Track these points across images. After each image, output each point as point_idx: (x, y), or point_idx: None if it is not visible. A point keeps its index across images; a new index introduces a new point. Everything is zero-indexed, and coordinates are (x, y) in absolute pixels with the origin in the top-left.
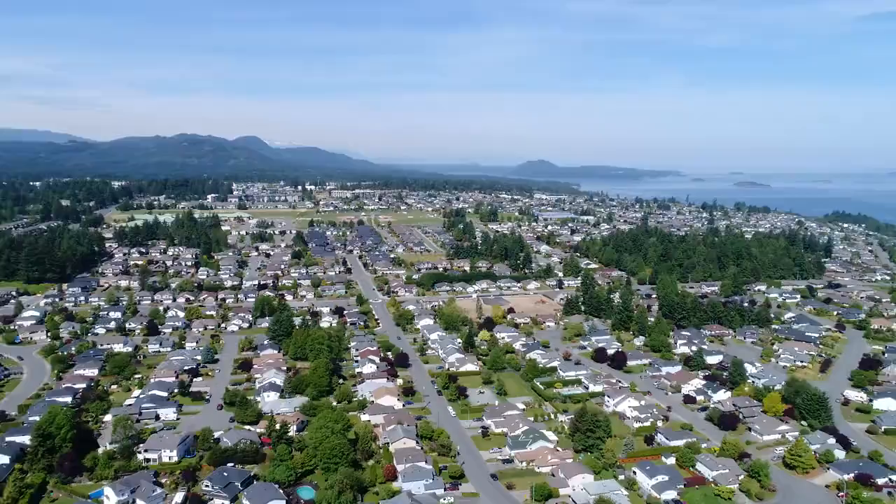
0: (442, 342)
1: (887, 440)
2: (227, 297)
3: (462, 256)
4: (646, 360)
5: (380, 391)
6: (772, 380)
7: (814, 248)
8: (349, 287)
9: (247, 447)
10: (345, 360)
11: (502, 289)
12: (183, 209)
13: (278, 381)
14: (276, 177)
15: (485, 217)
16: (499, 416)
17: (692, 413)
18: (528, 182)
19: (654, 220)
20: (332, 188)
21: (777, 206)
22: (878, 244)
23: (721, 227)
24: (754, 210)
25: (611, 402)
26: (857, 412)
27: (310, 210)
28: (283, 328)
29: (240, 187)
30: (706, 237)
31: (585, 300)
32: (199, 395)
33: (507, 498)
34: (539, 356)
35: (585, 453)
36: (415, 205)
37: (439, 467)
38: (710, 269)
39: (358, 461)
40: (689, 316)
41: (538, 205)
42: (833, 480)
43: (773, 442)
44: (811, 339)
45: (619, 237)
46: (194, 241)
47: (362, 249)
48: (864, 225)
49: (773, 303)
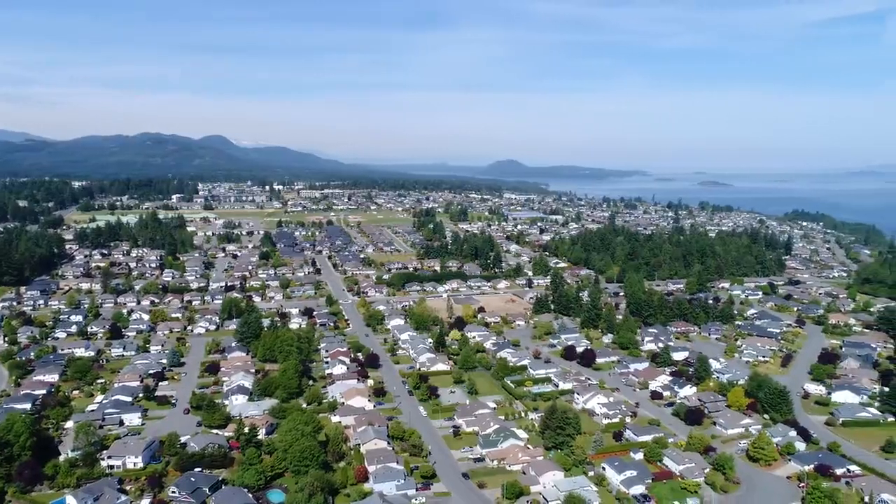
0: (413, 342)
1: (845, 432)
2: (194, 299)
3: (432, 256)
4: (614, 357)
5: (350, 392)
6: (735, 375)
7: (775, 245)
8: (318, 288)
9: (215, 451)
10: (314, 361)
11: (473, 288)
12: (147, 210)
13: (247, 383)
14: (244, 177)
15: (455, 217)
16: (470, 416)
17: (659, 409)
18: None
19: (621, 219)
20: (301, 188)
21: (739, 206)
22: (836, 242)
23: (686, 226)
24: (718, 209)
25: (580, 399)
26: (816, 405)
27: (278, 210)
28: (251, 330)
29: (206, 187)
30: (672, 236)
31: (555, 299)
32: (165, 400)
33: (479, 497)
34: (509, 355)
35: (556, 450)
36: (384, 205)
37: (411, 467)
38: (675, 267)
39: (329, 463)
40: (655, 313)
41: (508, 204)
42: (794, 472)
43: (737, 435)
44: (773, 334)
45: (588, 236)
46: (159, 243)
47: (332, 250)
48: (821, 223)
49: (737, 299)
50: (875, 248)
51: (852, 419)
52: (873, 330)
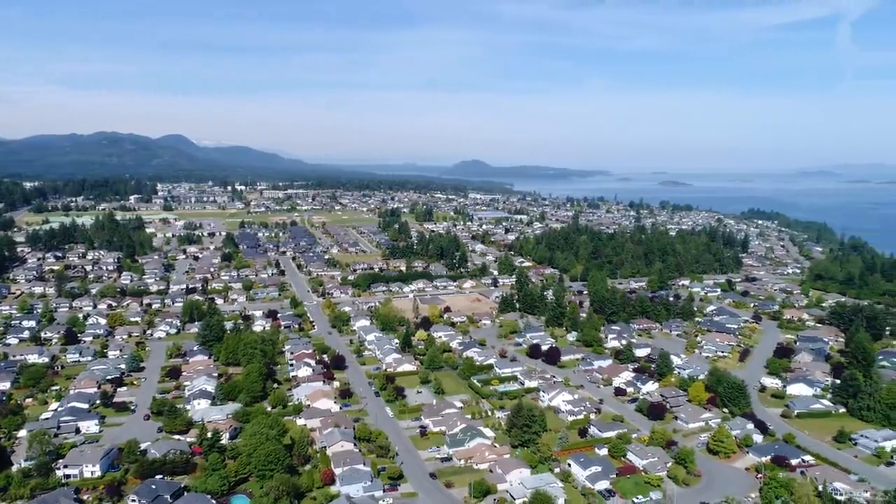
0: (379, 343)
1: (799, 423)
2: (153, 302)
3: (398, 256)
4: (578, 354)
5: (316, 394)
6: (696, 370)
7: (732, 243)
8: (283, 289)
9: (176, 457)
10: (279, 363)
11: (438, 288)
12: (103, 211)
13: (209, 387)
14: (205, 177)
15: (420, 217)
16: (437, 415)
17: (623, 405)
18: (463, 182)
19: (584, 218)
20: (264, 188)
21: (699, 205)
22: (790, 239)
23: (647, 225)
24: (678, 208)
25: (546, 397)
26: (772, 398)
27: (240, 211)
28: (213, 333)
29: (165, 188)
30: (634, 235)
31: (520, 298)
32: (124, 406)
33: (446, 496)
34: (476, 354)
35: (522, 448)
36: (349, 205)
37: (378, 469)
38: (637, 265)
39: (294, 466)
40: (618, 311)
41: (473, 204)
42: (752, 463)
43: (697, 429)
44: (731, 330)
45: (552, 235)
46: (116, 245)
47: (296, 251)
48: (776, 221)
49: (696, 296)
50: (826, 245)
51: (806, 411)
52: (825, 324)
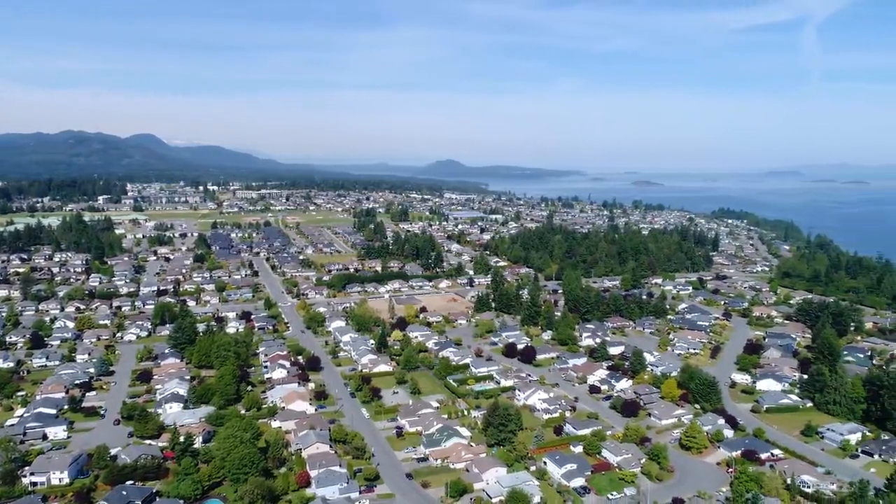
0: (354, 344)
1: (769, 418)
2: (123, 305)
3: (373, 257)
4: (554, 353)
5: (291, 396)
6: (668, 367)
7: (703, 242)
8: (256, 291)
9: (147, 462)
10: (253, 366)
11: (414, 288)
12: (71, 211)
13: (181, 391)
14: (176, 177)
15: (395, 217)
16: (413, 416)
17: (597, 402)
18: (438, 182)
19: (558, 218)
20: (237, 188)
21: (670, 204)
22: (759, 238)
23: (620, 225)
24: (650, 208)
25: (521, 395)
26: (742, 393)
27: (212, 211)
28: (185, 335)
29: (135, 188)
30: (607, 234)
31: (496, 297)
32: (94, 411)
33: (423, 496)
34: (452, 354)
35: (498, 447)
36: (324, 205)
37: (354, 470)
38: (611, 264)
39: (269, 470)
40: (592, 309)
41: (448, 204)
42: (723, 458)
43: (670, 425)
44: (702, 327)
45: (527, 235)
46: (84, 246)
47: (270, 251)
48: (745, 221)
49: (669, 295)
50: (794, 243)
51: (775, 406)
52: (793, 321)
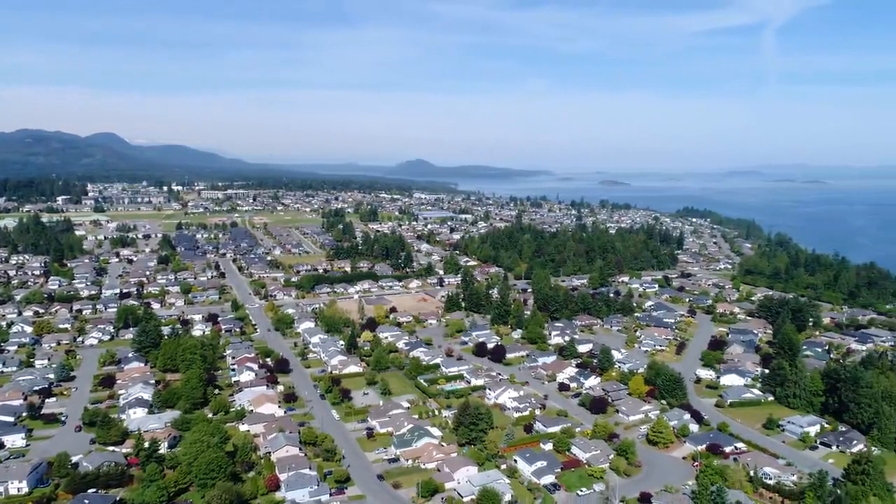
0: (324, 345)
1: (732, 412)
2: (84, 308)
3: (342, 257)
4: (523, 351)
5: (259, 399)
6: (636, 364)
7: (668, 241)
8: (223, 292)
9: (111, 470)
10: (220, 369)
11: (384, 288)
12: (28, 213)
13: (146, 395)
14: (139, 177)
15: (365, 217)
16: (384, 416)
17: (566, 400)
18: (408, 182)
19: (527, 217)
20: (202, 188)
21: (636, 204)
22: (721, 236)
23: (588, 224)
24: (617, 207)
25: (492, 394)
26: (707, 388)
27: (177, 212)
28: (149, 339)
29: (96, 188)
30: (575, 233)
31: (466, 297)
32: (54, 418)
33: (394, 497)
34: (422, 354)
35: (469, 446)
36: (292, 205)
37: (324, 473)
38: (579, 262)
39: (237, 474)
40: (561, 308)
41: (418, 204)
42: (689, 452)
43: (638, 421)
44: (668, 324)
45: (496, 235)
46: (43, 248)
47: (236, 252)
48: (709, 219)
49: (635, 292)
50: (755, 241)
51: (738, 400)
52: (755, 317)
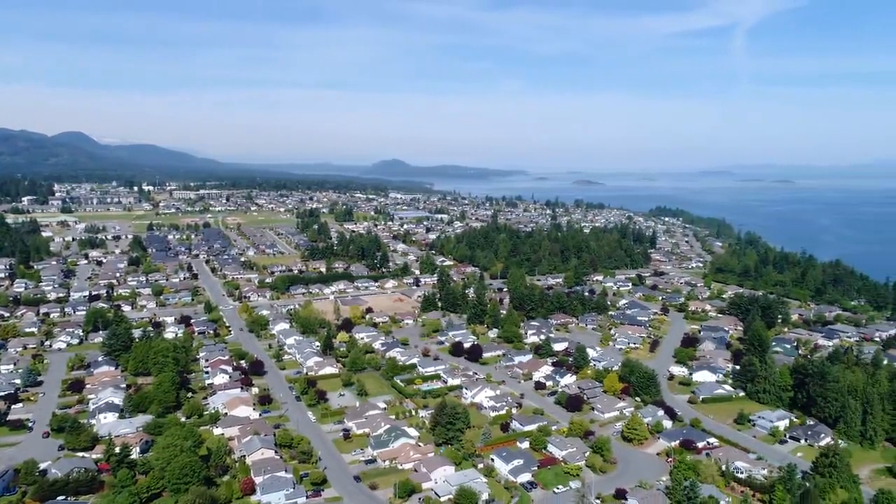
0: (299, 346)
1: (704, 408)
2: (52, 312)
3: (318, 257)
4: (500, 351)
5: (233, 402)
6: (610, 362)
7: (641, 240)
8: (196, 294)
9: (80, 476)
10: (193, 371)
11: (360, 289)
12: None
13: (117, 399)
14: (108, 177)
15: (340, 217)
16: (360, 418)
17: (543, 398)
18: (383, 181)
19: (503, 217)
20: (174, 189)
21: (610, 203)
22: (693, 235)
23: (563, 223)
24: (591, 207)
25: (469, 394)
26: (680, 385)
27: (148, 212)
28: (120, 342)
29: (63, 188)
30: (550, 233)
31: (442, 296)
32: (20, 424)
33: (371, 498)
34: (398, 354)
35: (446, 446)
36: (266, 205)
37: (300, 475)
38: (554, 262)
39: (212, 478)
40: (537, 307)
41: (393, 204)
42: (663, 448)
43: (612, 418)
44: (642, 322)
45: (472, 234)
46: (8, 250)
47: (209, 253)
48: (681, 218)
49: (610, 291)
50: (726, 240)
51: (710, 396)
52: (726, 314)
